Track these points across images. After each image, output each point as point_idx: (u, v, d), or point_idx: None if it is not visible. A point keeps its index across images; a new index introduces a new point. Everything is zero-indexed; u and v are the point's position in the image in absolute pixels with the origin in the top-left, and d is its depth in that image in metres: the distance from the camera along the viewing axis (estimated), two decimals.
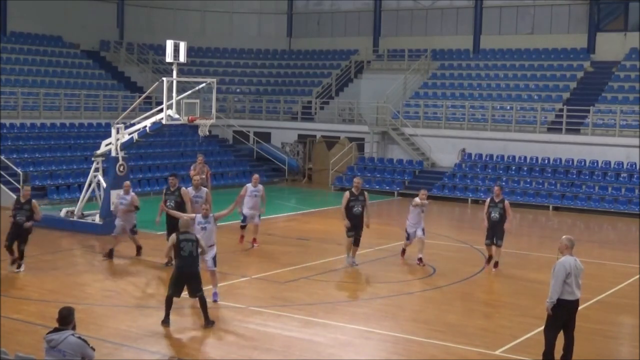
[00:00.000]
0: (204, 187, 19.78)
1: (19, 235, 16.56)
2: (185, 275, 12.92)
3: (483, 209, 18.10)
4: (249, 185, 19.73)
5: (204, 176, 21.93)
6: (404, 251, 18.81)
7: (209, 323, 13.00)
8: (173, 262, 14.42)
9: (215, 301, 14.27)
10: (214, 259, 14.42)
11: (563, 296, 11.05)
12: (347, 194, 17.69)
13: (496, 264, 17.89)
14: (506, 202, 17.84)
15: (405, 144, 33.69)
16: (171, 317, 13.74)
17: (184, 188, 18.02)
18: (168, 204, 17.27)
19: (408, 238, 18.58)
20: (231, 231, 20.37)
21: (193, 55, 36.91)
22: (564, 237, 11.48)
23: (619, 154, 29.66)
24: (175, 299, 12.53)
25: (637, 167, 28.97)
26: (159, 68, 37.84)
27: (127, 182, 18.95)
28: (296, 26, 44.00)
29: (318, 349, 12.27)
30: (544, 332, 11.40)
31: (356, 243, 17.80)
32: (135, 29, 40.80)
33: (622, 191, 28.43)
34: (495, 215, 17.64)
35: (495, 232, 17.64)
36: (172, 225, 16.78)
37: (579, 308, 11.50)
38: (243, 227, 20.01)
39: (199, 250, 13.04)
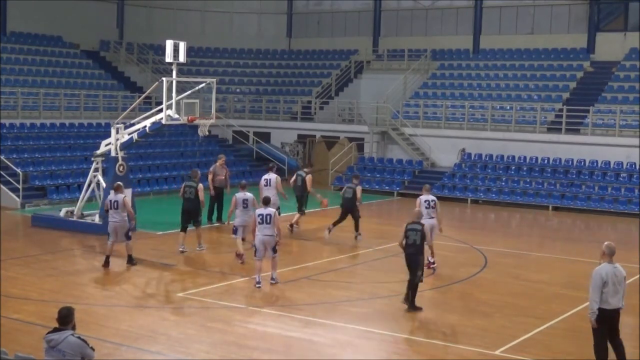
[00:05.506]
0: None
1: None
2: (408, 260, 14.31)
3: None
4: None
5: (223, 177, 22.70)
6: None
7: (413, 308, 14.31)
8: None
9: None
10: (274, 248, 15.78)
11: (600, 305, 10.76)
12: None
13: None
14: None
15: (405, 144, 33.68)
16: (172, 317, 13.78)
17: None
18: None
19: None
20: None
21: (193, 55, 36.93)
22: (605, 243, 11.06)
23: (619, 154, 29.63)
24: (174, 299, 12.46)
25: (637, 167, 28.95)
26: (159, 68, 37.82)
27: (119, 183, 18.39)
28: (296, 26, 43.99)
29: (318, 349, 12.27)
30: (594, 350, 11.14)
31: None
32: (135, 29, 40.78)
33: (622, 191, 28.41)
34: None
35: None
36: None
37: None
38: None
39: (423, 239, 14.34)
